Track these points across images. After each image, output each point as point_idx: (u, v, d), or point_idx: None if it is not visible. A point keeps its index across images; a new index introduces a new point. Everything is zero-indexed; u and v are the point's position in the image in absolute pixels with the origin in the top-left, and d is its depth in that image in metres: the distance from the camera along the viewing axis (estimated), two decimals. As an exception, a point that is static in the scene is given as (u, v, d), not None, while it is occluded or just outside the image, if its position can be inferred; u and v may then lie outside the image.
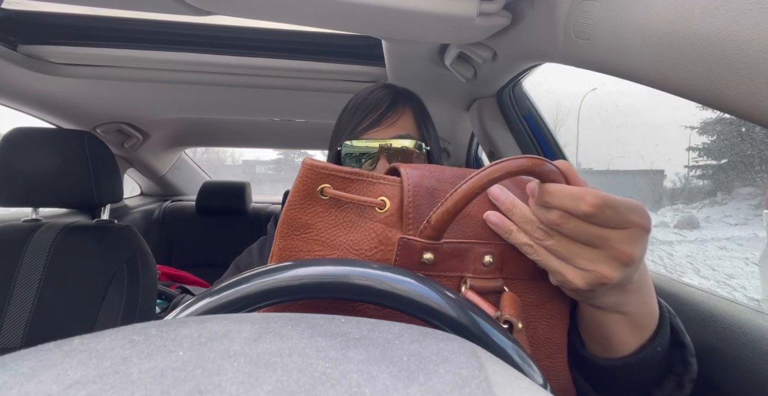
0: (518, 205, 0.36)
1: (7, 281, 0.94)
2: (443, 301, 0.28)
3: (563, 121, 1.97)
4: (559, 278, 0.35)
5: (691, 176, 1.78)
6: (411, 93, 0.72)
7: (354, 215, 0.36)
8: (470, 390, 0.16)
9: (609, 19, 0.47)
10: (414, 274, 0.31)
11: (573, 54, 0.57)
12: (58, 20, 1.00)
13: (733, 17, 0.34)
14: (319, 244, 0.36)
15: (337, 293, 0.29)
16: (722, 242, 1.60)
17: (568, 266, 0.34)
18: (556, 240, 0.33)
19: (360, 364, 0.16)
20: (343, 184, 0.36)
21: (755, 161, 1.34)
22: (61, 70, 1.13)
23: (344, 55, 1.11)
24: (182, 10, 0.70)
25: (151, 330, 0.18)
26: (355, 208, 0.36)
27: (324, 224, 0.36)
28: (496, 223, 0.36)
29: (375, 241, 0.36)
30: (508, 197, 0.36)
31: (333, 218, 0.36)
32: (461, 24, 0.65)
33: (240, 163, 9.95)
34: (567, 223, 0.32)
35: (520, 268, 0.37)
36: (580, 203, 0.30)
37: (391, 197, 0.36)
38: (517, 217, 0.35)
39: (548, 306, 0.39)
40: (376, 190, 0.37)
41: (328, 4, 0.61)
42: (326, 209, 0.36)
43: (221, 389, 0.14)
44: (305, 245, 0.36)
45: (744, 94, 0.35)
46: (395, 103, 0.68)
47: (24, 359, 0.15)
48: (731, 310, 0.55)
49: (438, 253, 0.35)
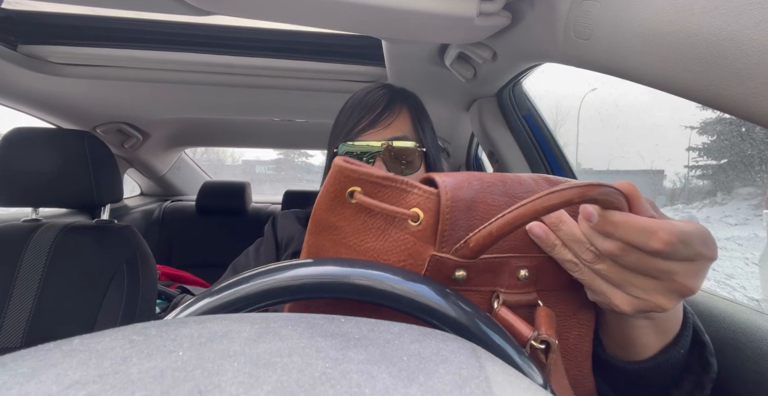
0: (566, 221, 0.32)
1: (7, 281, 0.94)
2: (443, 301, 0.28)
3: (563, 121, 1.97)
4: (602, 299, 0.32)
5: (691, 176, 1.78)
6: (408, 93, 0.72)
7: (383, 222, 0.34)
8: (470, 390, 0.16)
9: (609, 19, 0.47)
10: (414, 273, 0.31)
11: (573, 54, 0.57)
12: (58, 20, 1.00)
13: (733, 17, 0.34)
14: (346, 247, 0.35)
15: (337, 293, 0.28)
16: (722, 242, 1.60)
17: (616, 291, 0.31)
18: (608, 266, 0.30)
19: (360, 364, 0.16)
20: (374, 189, 0.34)
21: (755, 161, 1.34)
22: (61, 70, 1.13)
23: (344, 55, 1.11)
24: (182, 10, 0.70)
25: (151, 330, 0.18)
26: (385, 215, 0.34)
27: (352, 228, 0.35)
28: (540, 236, 0.33)
29: (404, 253, 0.34)
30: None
31: (361, 223, 0.35)
32: (461, 24, 0.65)
33: (240, 163, 9.94)
34: (628, 256, 0.29)
35: (555, 280, 0.35)
36: (650, 240, 0.27)
37: (425, 210, 0.33)
38: (564, 235, 0.32)
39: (580, 315, 0.37)
40: (409, 200, 0.34)
41: (328, 4, 0.61)
42: (355, 213, 0.34)
43: (221, 389, 0.14)
44: (332, 246, 0.35)
45: (744, 94, 0.35)
46: (392, 104, 0.67)
47: (24, 359, 0.15)
48: (731, 310, 0.55)
49: (471, 269, 0.33)
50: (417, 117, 0.69)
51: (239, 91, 1.28)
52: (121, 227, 1.06)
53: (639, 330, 0.35)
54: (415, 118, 0.69)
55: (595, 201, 0.28)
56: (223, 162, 9.61)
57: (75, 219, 1.39)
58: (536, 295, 0.35)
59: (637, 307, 0.30)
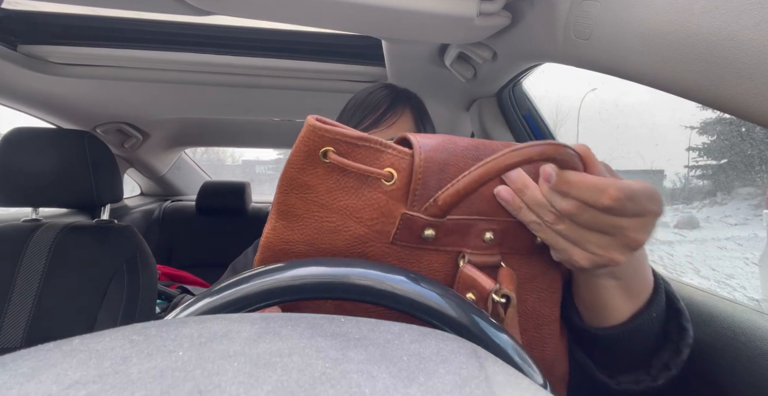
0: (530, 186, 0.34)
1: (7, 281, 0.94)
2: (443, 301, 0.28)
3: (563, 121, 1.96)
4: (564, 256, 0.35)
5: (691, 176, 1.78)
6: (410, 93, 0.72)
7: (357, 182, 0.35)
8: (470, 390, 0.16)
9: (609, 19, 0.47)
10: (414, 273, 0.31)
11: (573, 54, 0.57)
12: (58, 20, 1.00)
13: (733, 17, 0.34)
14: (318, 205, 0.35)
15: (337, 293, 0.29)
16: (722, 242, 1.60)
17: (575, 248, 0.33)
18: (567, 225, 0.33)
19: (360, 364, 0.16)
20: (349, 148, 0.34)
21: (755, 161, 1.34)
22: (61, 70, 1.13)
23: (344, 55, 1.11)
24: (182, 10, 0.70)
25: (151, 330, 0.18)
26: (359, 174, 0.35)
27: (324, 187, 0.35)
28: (507, 200, 0.35)
29: (377, 212, 0.35)
30: (519, 176, 0.35)
31: (334, 182, 0.35)
32: (461, 24, 0.65)
33: (240, 163, 9.94)
34: (583, 214, 0.31)
35: (520, 244, 0.37)
36: (601, 196, 0.29)
37: (399, 170, 0.34)
38: (528, 199, 0.34)
39: (539, 280, 0.39)
40: (383, 160, 0.35)
41: (328, 4, 0.61)
42: (328, 172, 0.35)
43: (221, 389, 0.14)
44: (303, 205, 0.35)
45: (744, 94, 0.35)
46: (395, 104, 0.68)
47: (24, 359, 0.15)
48: (731, 310, 0.55)
49: (440, 229, 0.35)
50: (419, 117, 0.70)
51: (239, 91, 1.28)
52: (121, 227, 1.06)
53: (607, 291, 0.37)
54: (417, 118, 0.69)
55: (553, 160, 0.31)
56: (223, 162, 9.61)
57: (75, 219, 1.39)
58: (500, 258, 0.37)
59: (594, 262, 0.33)
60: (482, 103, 1.09)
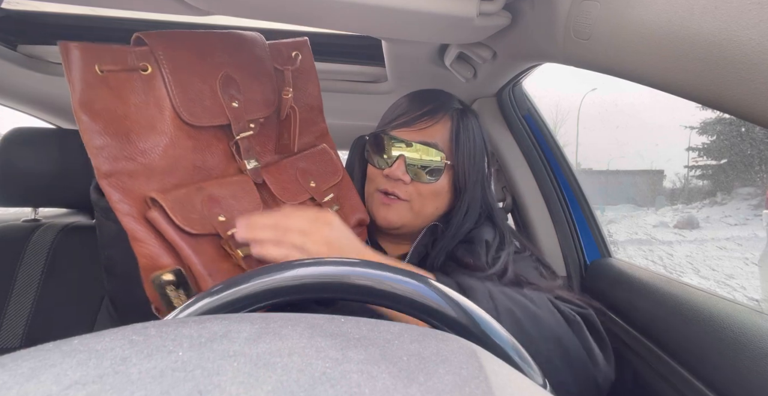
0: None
1: (7, 281, 0.94)
2: (443, 301, 0.28)
3: (563, 121, 1.97)
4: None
5: (691, 176, 1.78)
6: (464, 109, 0.72)
7: (141, 83, 0.48)
8: (470, 390, 0.16)
9: (609, 19, 0.47)
10: (414, 273, 0.31)
11: (573, 54, 0.57)
12: (58, 20, 1.00)
13: (733, 17, 0.34)
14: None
15: (337, 293, 0.29)
16: (722, 242, 1.60)
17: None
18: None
19: (360, 364, 0.16)
20: (106, 54, 0.45)
21: (755, 161, 1.35)
22: (61, 70, 1.12)
23: (344, 55, 1.11)
24: (182, 10, 0.70)
25: (151, 330, 0.18)
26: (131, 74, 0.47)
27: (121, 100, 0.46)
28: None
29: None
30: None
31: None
32: (461, 24, 0.65)
33: (240, 163, 9.90)
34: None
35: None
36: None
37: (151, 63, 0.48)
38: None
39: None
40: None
41: (327, 4, 0.61)
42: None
43: (221, 389, 0.14)
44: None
45: (744, 94, 0.35)
46: (436, 111, 0.68)
47: (24, 359, 0.15)
48: (731, 310, 0.55)
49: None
50: (459, 131, 0.68)
51: None
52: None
53: None
54: (455, 131, 0.68)
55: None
56: (223, 162, 9.56)
57: (75, 219, 1.39)
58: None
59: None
60: (482, 103, 1.09)
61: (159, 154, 0.47)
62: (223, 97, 0.51)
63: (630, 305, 0.76)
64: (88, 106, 0.43)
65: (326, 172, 0.64)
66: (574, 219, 1.00)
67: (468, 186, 0.69)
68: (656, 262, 1.43)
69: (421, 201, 0.68)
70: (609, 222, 3.09)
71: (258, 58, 0.58)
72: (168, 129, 0.47)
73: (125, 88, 0.45)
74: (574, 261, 0.98)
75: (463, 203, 0.69)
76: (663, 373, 0.63)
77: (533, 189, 1.04)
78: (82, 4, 0.72)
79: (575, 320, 0.51)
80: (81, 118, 0.43)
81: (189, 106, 0.49)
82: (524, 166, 1.05)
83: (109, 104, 0.44)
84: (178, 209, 0.44)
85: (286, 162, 0.60)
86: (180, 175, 0.49)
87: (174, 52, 0.48)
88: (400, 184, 0.67)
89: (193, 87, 0.49)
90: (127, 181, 0.45)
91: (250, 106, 0.54)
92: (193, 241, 0.45)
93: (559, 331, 0.48)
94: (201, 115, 0.50)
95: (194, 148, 0.50)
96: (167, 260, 0.44)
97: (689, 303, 0.61)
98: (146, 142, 0.46)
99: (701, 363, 0.55)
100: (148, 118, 0.47)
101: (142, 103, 0.46)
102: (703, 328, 0.56)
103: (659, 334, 0.66)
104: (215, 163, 0.52)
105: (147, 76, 0.46)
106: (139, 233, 0.44)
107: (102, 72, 0.43)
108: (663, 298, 0.68)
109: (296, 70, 0.63)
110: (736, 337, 0.51)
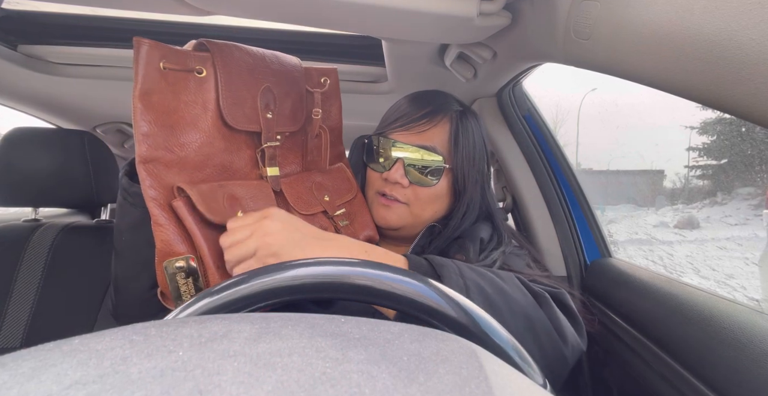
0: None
1: (7, 281, 0.94)
2: (443, 301, 0.28)
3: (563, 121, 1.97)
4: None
5: (691, 176, 1.78)
6: (465, 111, 0.71)
7: (192, 82, 0.52)
8: (470, 390, 0.16)
9: (609, 19, 0.47)
10: (414, 274, 0.31)
11: (573, 54, 0.57)
12: (58, 20, 1.00)
13: (733, 17, 0.34)
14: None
15: (338, 293, 0.29)
16: (722, 242, 1.60)
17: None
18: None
19: (360, 364, 0.16)
20: (170, 53, 0.49)
21: (755, 161, 1.34)
22: (61, 70, 1.12)
23: (344, 55, 1.11)
24: (182, 10, 0.70)
25: (151, 330, 0.18)
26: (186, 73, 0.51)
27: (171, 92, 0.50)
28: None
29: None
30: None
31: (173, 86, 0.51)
32: (461, 24, 0.65)
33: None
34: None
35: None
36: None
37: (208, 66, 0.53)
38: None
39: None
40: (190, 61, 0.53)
41: (327, 4, 0.61)
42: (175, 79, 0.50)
43: (221, 389, 0.14)
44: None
45: (744, 94, 0.35)
46: (435, 113, 0.68)
47: (24, 359, 0.15)
48: (731, 310, 0.55)
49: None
50: (458, 135, 0.68)
51: None
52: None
53: None
54: (454, 133, 0.68)
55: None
56: (223, 162, 9.55)
57: (75, 219, 1.39)
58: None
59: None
60: (482, 103, 1.09)
61: (194, 150, 0.51)
62: (260, 106, 0.57)
63: (630, 305, 0.76)
64: (146, 97, 0.48)
65: (341, 189, 0.68)
66: (575, 219, 1.00)
67: (467, 187, 0.69)
68: (656, 262, 1.44)
69: (419, 204, 0.68)
70: (609, 222, 3.11)
71: (294, 79, 0.63)
72: (207, 128, 0.52)
73: (180, 85, 0.50)
74: (574, 261, 0.98)
75: (462, 204, 0.69)
76: (663, 373, 0.63)
77: (533, 189, 1.04)
78: (82, 4, 0.72)
79: (543, 296, 0.51)
80: (137, 106, 0.48)
81: (232, 109, 0.54)
82: (524, 166, 1.05)
83: (163, 98, 0.49)
84: (202, 200, 0.48)
85: (304, 175, 0.64)
86: (208, 172, 0.53)
87: (230, 61, 0.54)
88: (398, 187, 0.67)
89: (239, 93, 0.54)
90: (162, 169, 0.49)
91: (281, 120, 0.60)
92: (207, 233, 0.49)
93: (527, 306, 0.48)
94: (240, 120, 0.55)
95: (226, 149, 0.55)
96: (182, 248, 0.48)
97: (689, 303, 0.61)
98: (186, 136, 0.51)
99: (701, 363, 0.55)
100: (193, 116, 0.51)
101: (191, 101, 0.51)
102: (703, 328, 0.56)
103: (659, 334, 0.66)
104: (240, 166, 0.56)
105: (200, 78, 0.52)
106: (162, 219, 0.48)
107: (164, 69, 0.48)
108: (663, 298, 0.68)
109: (324, 94, 0.68)
110: (736, 337, 0.51)
